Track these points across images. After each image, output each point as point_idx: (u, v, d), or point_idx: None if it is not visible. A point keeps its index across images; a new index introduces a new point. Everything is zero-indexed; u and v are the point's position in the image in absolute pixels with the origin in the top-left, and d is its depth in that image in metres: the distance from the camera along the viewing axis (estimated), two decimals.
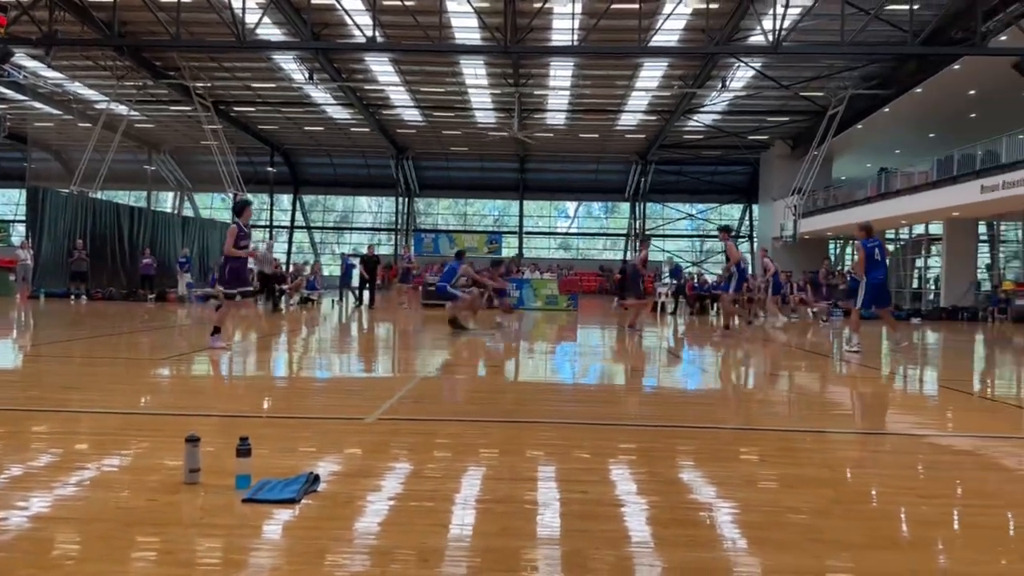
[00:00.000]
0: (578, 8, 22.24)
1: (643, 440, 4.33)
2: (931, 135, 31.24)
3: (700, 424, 4.99)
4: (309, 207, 49.15)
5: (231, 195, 32.69)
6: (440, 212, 50.27)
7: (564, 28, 23.14)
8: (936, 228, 28.19)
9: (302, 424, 4.58)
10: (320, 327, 13.66)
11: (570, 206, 48.78)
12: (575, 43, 22.77)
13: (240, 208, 8.51)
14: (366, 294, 20.66)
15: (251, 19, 21.81)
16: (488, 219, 49.64)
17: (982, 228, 28.11)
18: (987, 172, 20.58)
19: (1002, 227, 27.79)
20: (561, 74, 29.19)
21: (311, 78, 28.22)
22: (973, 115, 27.84)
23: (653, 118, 34.79)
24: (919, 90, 25.70)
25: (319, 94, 32.08)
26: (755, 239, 43.41)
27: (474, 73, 29.12)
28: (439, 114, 35.32)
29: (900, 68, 25.79)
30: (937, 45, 22.10)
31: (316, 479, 3.12)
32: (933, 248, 29.39)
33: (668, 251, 46.46)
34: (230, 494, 2.93)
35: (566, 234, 49.05)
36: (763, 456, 4.04)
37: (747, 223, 45.55)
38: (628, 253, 45.09)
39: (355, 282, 21.45)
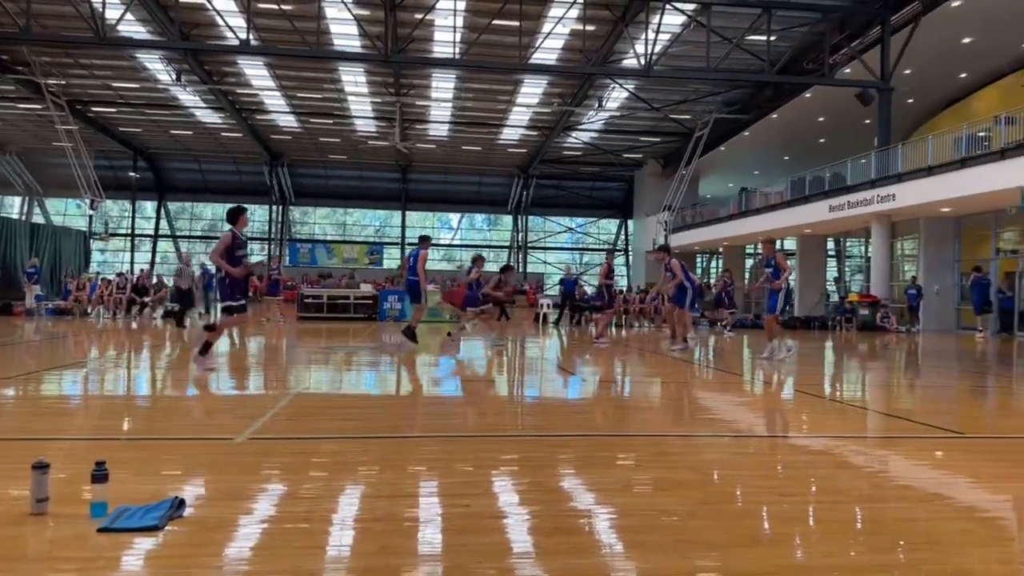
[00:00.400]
0: (460, 22, 22.42)
1: (525, 450, 4.39)
2: (786, 158, 33.79)
3: (580, 432, 5.11)
4: (175, 214, 46.51)
5: (87, 201, 30.35)
6: (317, 221, 48.97)
7: (446, 40, 23.25)
8: (791, 244, 30.42)
9: (166, 446, 4.30)
10: (186, 342, 12.92)
11: (453, 217, 48.91)
12: (457, 56, 22.91)
13: (235, 215, 7.67)
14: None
15: (112, 14, 20.47)
16: (368, 229, 48.83)
17: (831, 244, 30.62)
18: (834, 193, 22.45)
19: (848, 243, 30.37)
20: (443, 86, 29.27)
21: (179, 79, 26.77)
22: (822, 140, 30.38)
23: (534, 133, 35.56)
24: (775, 116, 27.77)
25: (187, 96, 30.49)
26: (630, 252, 45.18)
27: (354, 81, 28.67)
28: (317, 121, 34.47)
29: (758, 95, 27.76)
30: (791, 74, 24.01)
31: (181, 504, 2.94)
32: (788, 262, 31.70)
33: (550, 263, 47.49)
34: (84, 524, 2.70)
35: (449, 246, 49.08)
36: (638, 461, 4.19)
37: (623, 237, 47.36)
38: (515, 263, 45.64)
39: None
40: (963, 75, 23.92)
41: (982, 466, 4.27)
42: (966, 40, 20.73)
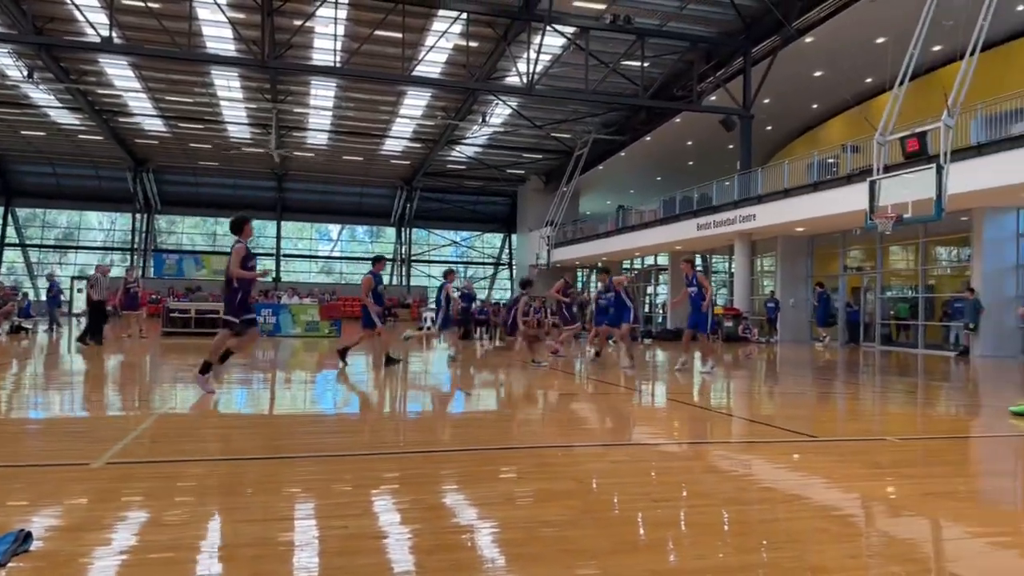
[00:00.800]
0: (341, 30, 22.05)
1: (407, 467, 4.32)
2: (659, 178, 35.47)
3: (463, 447, 5.09)
4: (24, 222, 42.67)
5: None
6: (186, 231, 46.41)
7: (326, 48, 22.80)
8: (664, 260, 31.89)
9: (11, 473, 3.91)
10: (37, 359, 11.84)
11: (333, 229, 47.74)
12: (337, 64, 22.49)
13: (240, 224, 7.23)
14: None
15: None
16: None
17: (699, 260, 32.33)
18: (702, 212, 23.76)
19: (714, 259, 32.18)
20: (323, 94, 28.65)
21: (31, 76, 24.70)
22: (691, 162, 32.13)
23: (418, 146, 35.44)
24: (648, 138, 29.12)
25: (40, 95, 28.19)
26: (514, 266, 45.84)
27: (227, 85, 27.52)
28: (186, 125, 32.79)
29: (633, 117, 29.04)
30: (662, 100, 25.28)
31: (28, 537, 2.67)
32: (661, 277, 33.20)
33: (433, 276, 47.29)
34: None
35: (328, 258, 47.86)
36: (521, 473, 4.22)
37: (507, 251, 47.97)
38: (396, 279, 45.14)
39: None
40: (815, 106, 26.07)
41: (833, 467, 4.62)
42: (817, 74, 22.62)
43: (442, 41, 22.70)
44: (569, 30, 22.23)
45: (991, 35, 11.71)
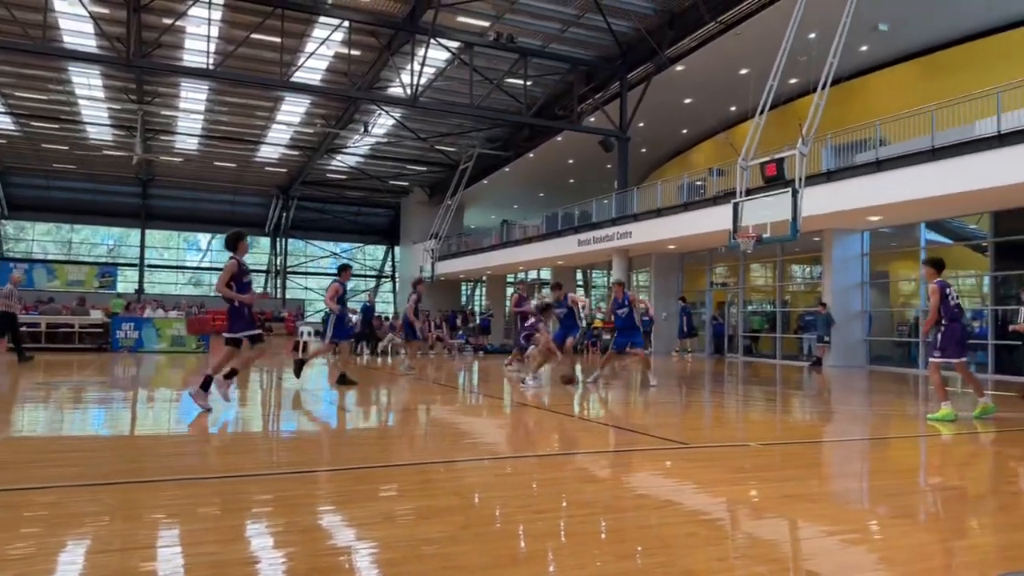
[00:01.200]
0: (215, 32, 21.13)
1: (280, 489, 4.14)
2: (541, 194, 36.24)
3: (341, 466, 4.95)
4: None
5: None
6: (37, 238, 42.74)
7: (199, 49, 21.76)
8: (546, 274, 32.56)
9: None
10: None
11: (202, 238, 45.34)
12: (210, 67, 21.51)
13: (234, 241, 7.30)
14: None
15: None
16: (100, 248, 43.58)
17: (579, 275, 33.25)
18: (582, 229, 24.48)
19: (593, 274, 33.20)
20: (195, 96, 27.31)
21: None
22: (572, 180, 33.05)
23: (296, 153, 34.42)
24: (532, 155, 29.72)
25: None
26: (397, 279, 45.30)
27: (87, 83, 25.67)
28: (39, 124, 30.28)
29: (517, 134, 29.57)
30: (544, 118, 25.90)
31: None
32: (544, 290, 33.83)
33: (311, 289, 45.92)
34: None
35: (197, 268, 45.38)
36: (401, 491, 4.16)
37: (390, 264, 47.34)
38: (272, 290, 43.48)
39: None
40: (685, 131, 27.55)
41: (702, 473, 4.85)
42: (687, 101, 23.93)
43: (323, 48, 22.22)
44: (454, 44, 22.37)
45: (839, 72, 12.82)
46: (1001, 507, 4.13)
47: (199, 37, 21.21)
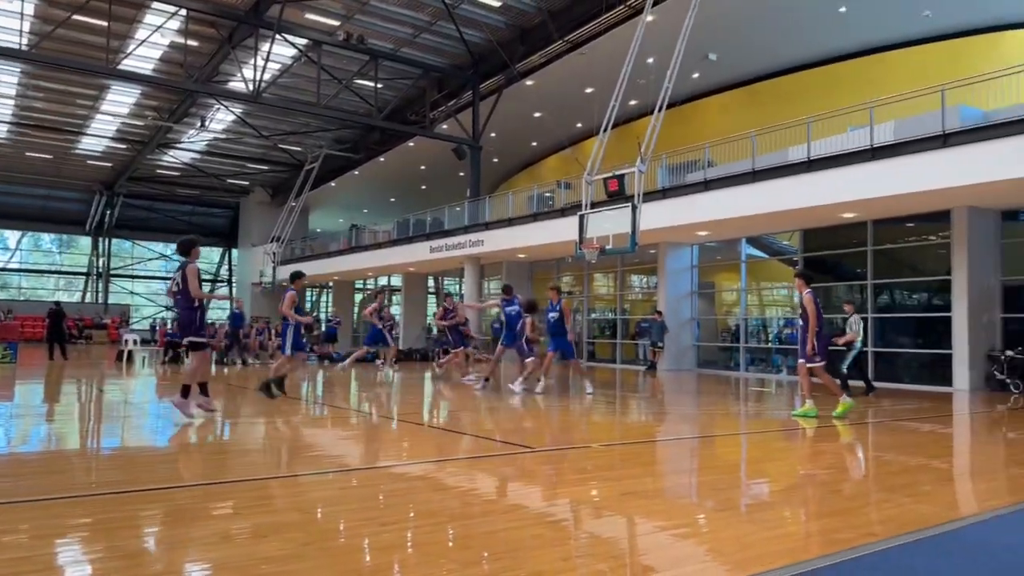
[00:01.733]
0: (29, 9, 19.12)
1: (101, 511, 3.79)
2: (392, 199, 35.83)
3: (171, 484, 4.60)
4: None
5: None
6: None
7: (11, 28, 19.58)
8: (397, 281, 32.17)
9: None
10: None
11: (10, 236, 40.57)
12: (24, 47, 19.39)
13: (188, 247, 7.43)
14: None
15: None
16: None
17: (431, 281, 33.17)
18: (435, 236, 24.46)
19: (446, 281, 33.25)
20: (5, 80, 24.50)
21: None
22: (424, 186, 32.96)
23: (122, 147, 31.77)
24: (382, 159, 29.32)
25: None
26: (234, 284, 42.93)
27: None
28: None
29: (367, 136, 29.06)
30: (396, 122, 25.66)
31: None
32: (395, 297, 33.42)
33: (137, 293, 42.54)
34: None
35: (4, 270, 40.55)
36: (237, 508, 3.94)
37: (227, 267, 44.78)
38: (91, 295, 39.81)
39: None
40: (535, 143, 28.36)
41: (548, 475, 4.99)
42: (537, 114, 24.65)
43: (157, 36, 20.69)
44: (301, 41, 21.62)
45: (674, 96, 13.72)
46: (810, 497, 4.58)
47: (11, 14, 19.06)
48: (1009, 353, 12.84)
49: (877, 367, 14.69)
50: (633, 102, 16.65)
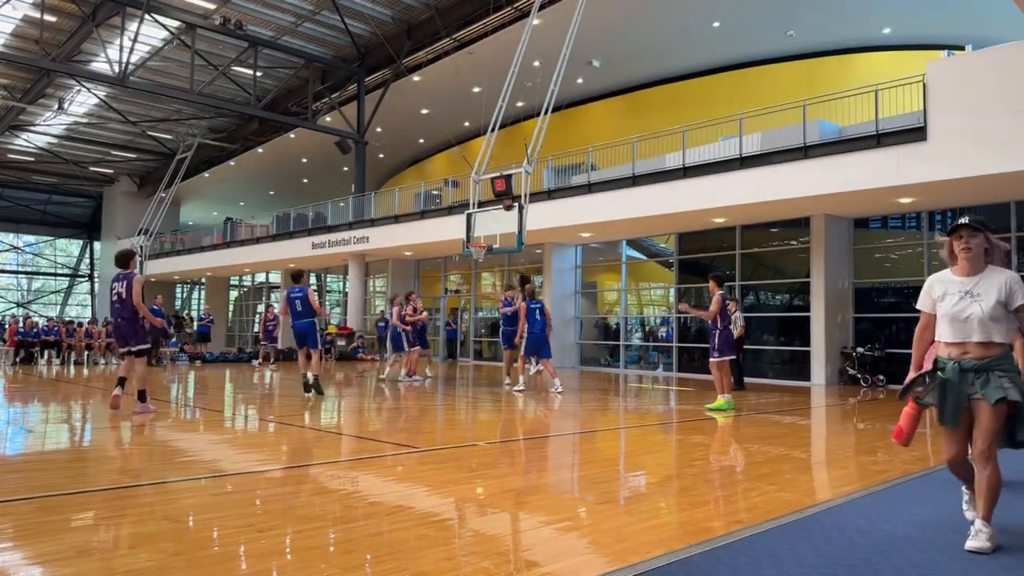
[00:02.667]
0: None
1: None
2: (271, 192, 34.52)
3: (19, 496, 4.22)
4: None
5: None
6: None
7: None
8: (276, 277, 31.00)
9: None
10: None
11: None
12: None
13: (129, 257, 7.98)
14: None
15: None
16: None
17: (313, 279, 32.19)
18: (317, 231, 23.78)
19: (328, 278, 32.38)
20: None
21: None
22: (306, 180, 31.97)
23: None
24: (261, 150, 28.18)
25: None
26: (96, 279, 39.96)
27: None
28: None
29: (245, 126, 27.82)
30: (275, 113, 24.72)
31: None
32: (273, 295, 32.19)
33: None
34: None
35: None
36: (99, 519, 3.66)
37: (88, 261, 41.59)
38: None
39: None
40: (422, 140, 28.15)
41: (433, 475, 4.96)
42: (424, 111, 24.48)
43: (8, 9, 18.93)
44: (173, 23, 20.41)
45: (560, 100, 14.03)
46: (683, 488, 4.80)
47: None
48: (860, 350, 14.02)
49: (744, 363, 15.65)
50: (520, 103, 16.86)
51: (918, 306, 3.49)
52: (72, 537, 3.35)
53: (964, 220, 3.34)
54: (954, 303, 3.31)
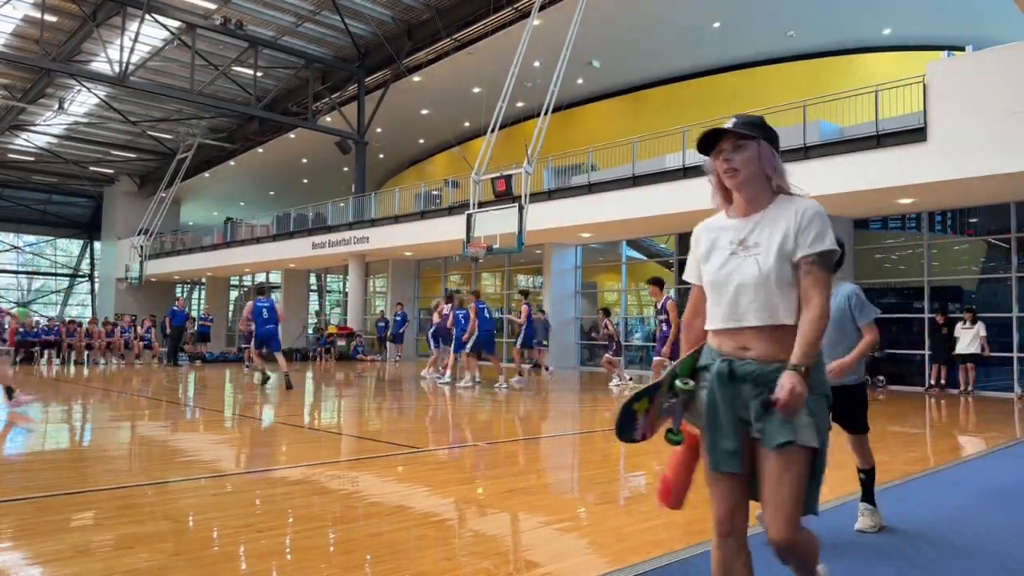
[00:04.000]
0: None
1: None
2: (271, 192, 34.50)
3: (18, 496, 4.22)
4: None
5: None
6: None
7: None
8: (276, 277, 31.00)
9: None
10: None
11: None
12: None
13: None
14: None
15: None
16: None
17: (313, 279, 32.20)
18: (317, 231, 23.77)
19: (328, 278, 32.38)
20: None
21: None
22: (306, 180, 31.96)
23: None
24: (261, 150, 28.16)
25: None
26: (97, 280, 39.94)
27: None
28: None
29: (245, 126, 27.79)
30: (276, 113, 24.71)
31: None
32: (273, 295, 32.20)
33: None
34: None
35: None
36: (99, 519, 3.67)
37: (88, 261, 41.56)
38: None
39: None
40: (422, 141, 28.13)
41: (433, 475, 4.96)
42: (424, 112, 24.47)
43: (8, 9, 18.93)
44: (174, 24, 20.40)
45: (560, 100, 14.04)
46: None
47: None
48: None
49: None
50: (520, 104, 16.88)
51: (684, 276, 2.21)
52: (72, 537, 3.35)
53: (728, 124, 2.11)
54: (720, 264, 2.04)
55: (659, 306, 9.68)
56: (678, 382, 2.02)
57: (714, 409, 1.98)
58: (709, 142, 2.10)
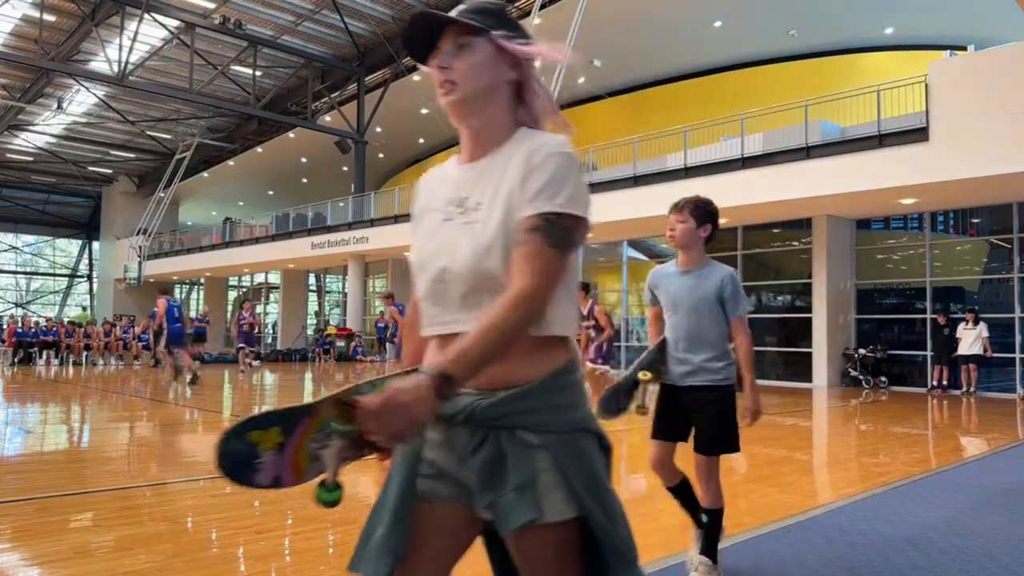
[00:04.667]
0: None
1: None
2: (271, 192, 34.47)
3: (18, 497, 4.19)
4: None
5: None
6: None
7: None
8: (275, 278, 30.99)
9: None
10: None
11: None
12: None
13: None
14: None
15: None
16: None
17: (312, 279, 32.17)
18: (316, 231, 23.74)
19: (327, 279, 32.36)
20: None
21: None
22: (305, 180, 31.93)
23: None
24: (260, 150, 28.13)
25: None
26: (95, 280, 39.93)
27: None
28: None
29: (244, 126, 27.76)
30: (275, 112, 24.69)
31: None
32: (272, 295, 32.19)
33: None
34: None
35: None
36: (98, 521, 3.64)
37: (87, 261, 41.55)
38: None
39: None
40: (422, 140, 28.11)
41: None
42: (424, 111, 24.43)
43: (7, 8, 18.91)
44: (172, 23, 20.38)
45: (561, 99, 13.98)
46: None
47: None
48: (862, 351, 13.99)
49: None
50: None
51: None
52: (71, 538, 3.33)
53: (454, 13, 1.33)
54: (428, 235, 1.44)
55: (585, 312, 8.91)
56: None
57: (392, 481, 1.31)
58: (426, 40, 1.32)
